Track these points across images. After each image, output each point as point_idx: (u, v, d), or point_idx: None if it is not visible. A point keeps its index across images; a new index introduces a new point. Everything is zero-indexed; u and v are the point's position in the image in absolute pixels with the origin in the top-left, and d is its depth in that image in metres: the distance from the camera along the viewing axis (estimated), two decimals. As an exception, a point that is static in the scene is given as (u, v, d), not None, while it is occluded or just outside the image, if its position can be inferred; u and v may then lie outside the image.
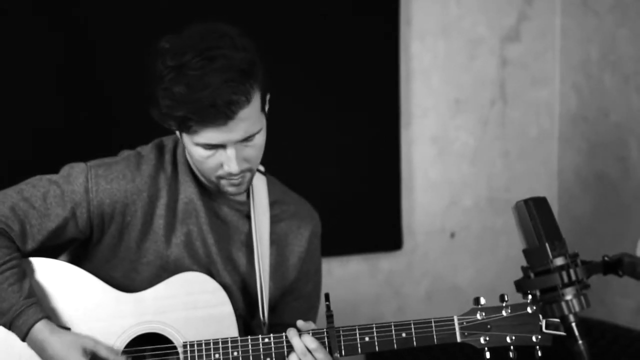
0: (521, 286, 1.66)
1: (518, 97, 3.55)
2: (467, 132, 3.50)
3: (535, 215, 1.63)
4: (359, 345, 2.03)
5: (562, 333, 1.68)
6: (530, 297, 1.89)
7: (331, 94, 3.24)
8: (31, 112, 2.87)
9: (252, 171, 2.05)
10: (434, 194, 3.47)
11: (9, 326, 1.98)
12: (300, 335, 2.00)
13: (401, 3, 3.30)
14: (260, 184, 2.17)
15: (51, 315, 2.02)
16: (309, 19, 3.17)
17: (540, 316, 1.97)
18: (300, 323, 2.03)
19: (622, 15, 3.28)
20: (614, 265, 1.69)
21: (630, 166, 3.28)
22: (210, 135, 1.93)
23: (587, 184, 3.45)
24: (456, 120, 3.48)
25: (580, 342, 1.62)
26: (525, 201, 1.64)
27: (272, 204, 2.19)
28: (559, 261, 1.62)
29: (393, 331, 2.02)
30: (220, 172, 2.00)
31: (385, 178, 3.36)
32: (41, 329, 1.96)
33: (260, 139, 2.00)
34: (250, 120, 1.94)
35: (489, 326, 2.01)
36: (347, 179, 3.30)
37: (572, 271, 1.61)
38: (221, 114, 1.89)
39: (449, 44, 3.43)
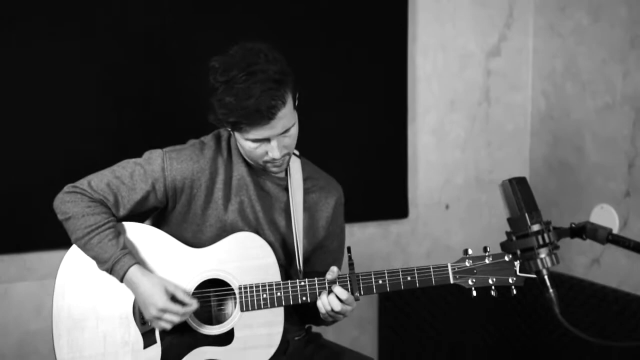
0: (505, 247, 1.64)
1: (499, 100, 3.50)
2: (459, 126, 3.45)
3: (517, 191, 1.61)
4: (374, 286, 2.03)
5: (533, 275, 1.66)
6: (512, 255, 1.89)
7: (355, 96, 3.20)
8: (118, 112, 2.84)
9: (289, 155, 2.05)
10: (433, 174, 3.43)
11: (110, 271, 2.01)
12: (334, 289, 2.02)
13: (409, 25, 3.26)
14: (295, 164, 2.17)
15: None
16: (342, 42, 3.15)
17: (515, 262, 1.97)
18: (334, 268, 2.05)
19: (580, 37, 3.23)
20: (579, 231, 1.67)
21: (585, 154, 3.23)
22: (256, 132, 1.94)
23: (552, 168, 3.41)
24: (451, 117, 3.43)
25: (551, 290, 1.60)
26: (510, 180, 1.62)
27: (305, 179, 2.19)
28: (536, 227, 1.60)
29: (400, 275, 2.03)
30: (266, 158, 2.01)
31: (395, 161, 3.33)
32: (134, 272, 1.99)
33: (294, 130, 2.01)
34: (286, 118, 1.95)
35: (475, 271, 2.01)
36: (366, 161, 3.26)
37: (545, 235, 1.59)
38: (264, 117, 1.90)
39: (445, 57, 3.38)
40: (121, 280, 2.01)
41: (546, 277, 1.60)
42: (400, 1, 3.22)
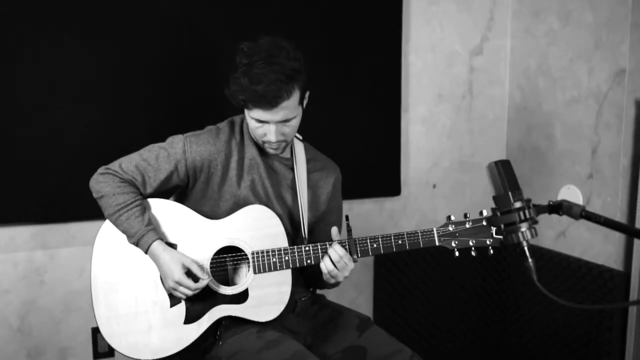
0: (491, 222, 1.57)
1: (480, 93, 3.41)
2: (445, 116, 3.36)
3: (502, 172, 1.56)
4: (369, 249, 1.98)
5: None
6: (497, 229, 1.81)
7: (356, 90, 3.12)
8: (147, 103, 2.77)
9: (286, 142, 2.01)
10: (423, 157, 3.35)
11: (136, 244, 1.97)
12: (332, 246, 1.97)
13: (403, 28, 3.18)
14: (299, 147, 2.13)
15: (163, 236, 2.01)
16: (346, 43, 3.06)
17: (491, 227, 1.89)
18: (334, 231, 2.00)
19: (552, 39, 3.15)
20: (557, 208, 1.59)
21: (554, 141, 3.16)
22: (259, 113, 1.91)
23: (526, 153, 3.33)
24: (438, 108, 3.34)
25: (530, 260, 1.55)
26: (496, 162, 1.57)
27: (308, 160, 2.15)
28: (518, 204, 1.54)
29: (392, 239, 1.97)
30: (264, 139, 1.98)
31: (390, 146, 3.24)
32: (156, 246, 1.96)
33: (294, 122, 1.96)
34: (289, 109, 1.90)
35: (457, 234, 1.94)
36: (365, 146, 3.18)
37: (526, 211, 1.54)
38: (267, 103, 1.86)
39: (434, 55, 3.29)
40: (145, 253, 1.99)
41: (526, 248, 1.55)
42: (395, 7, 3.15)
